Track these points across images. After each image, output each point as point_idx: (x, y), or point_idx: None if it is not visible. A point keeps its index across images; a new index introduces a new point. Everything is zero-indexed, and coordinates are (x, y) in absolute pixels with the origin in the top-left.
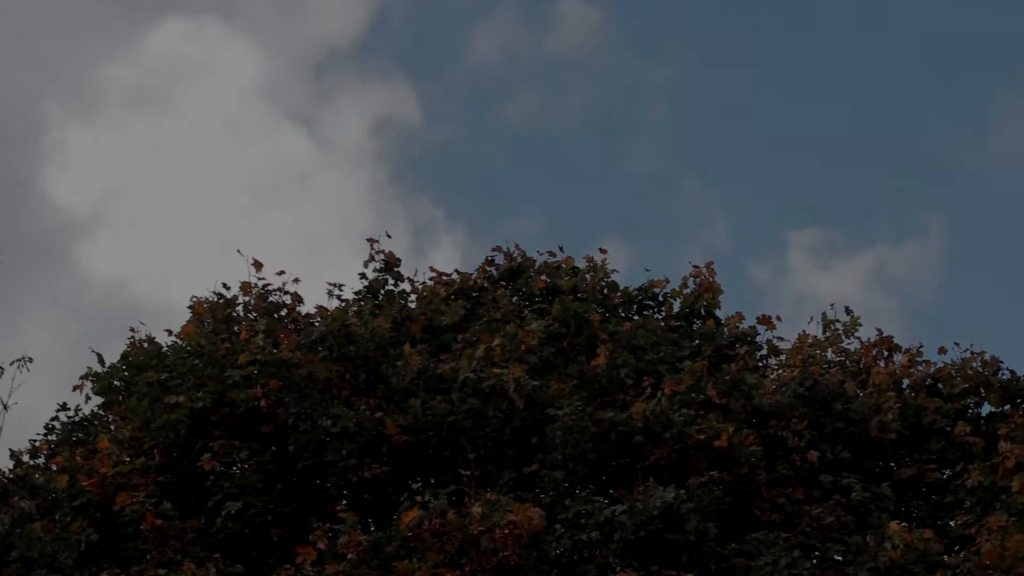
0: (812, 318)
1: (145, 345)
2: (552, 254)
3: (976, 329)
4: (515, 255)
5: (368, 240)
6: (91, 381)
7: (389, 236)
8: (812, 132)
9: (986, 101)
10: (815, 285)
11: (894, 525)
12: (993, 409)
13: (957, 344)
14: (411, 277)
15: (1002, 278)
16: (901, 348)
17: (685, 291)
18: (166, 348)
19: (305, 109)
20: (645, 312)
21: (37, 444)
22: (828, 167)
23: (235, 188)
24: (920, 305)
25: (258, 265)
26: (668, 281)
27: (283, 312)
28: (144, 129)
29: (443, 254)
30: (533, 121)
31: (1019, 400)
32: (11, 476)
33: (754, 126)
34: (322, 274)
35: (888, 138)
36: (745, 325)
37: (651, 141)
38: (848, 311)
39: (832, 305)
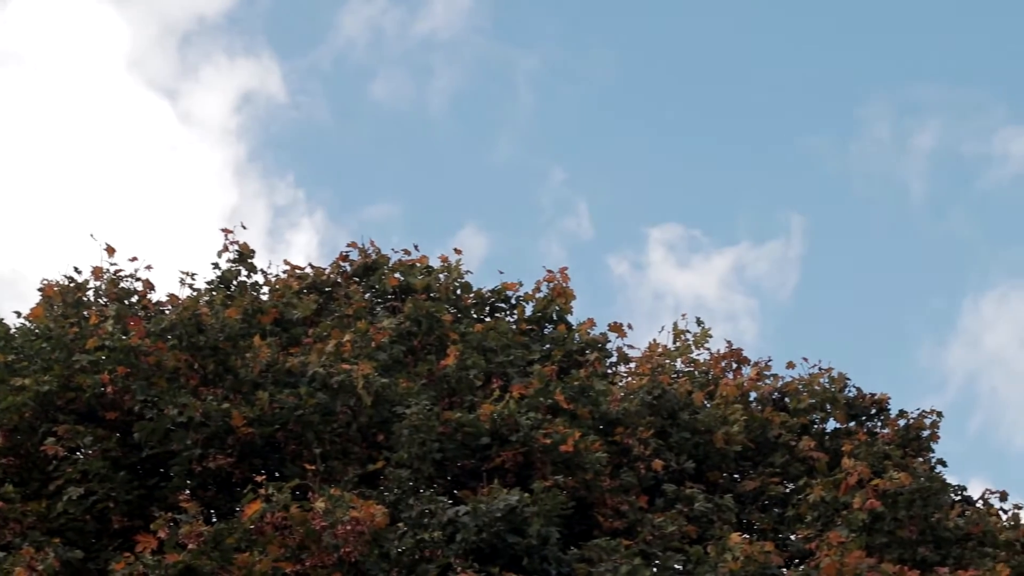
0: (663, 327)
1: None
2: (407, 252)
3: (828, 331)
4: (370, 251)
5: (223, 230)
6: None
7: (244, 227)
8: (678, 125)
9: (855, 104)
10: (673, 281)
11: (735, 537)
12: (838, 425)
13: (805, 359)
14: (264, 269)
15: (857, 281)
16: (750, 361)
17: (538, 295)
18: (14, 330)
19: (169, 81)
20: (497, 314)
21: None
22: (692, 162)
23: (95, 159)
24: (777, 305)
25: (111, 250)
26: (521, 284)
27: (134, 299)
28: (3, 93)
29: (302, 236)
30: (399, 103)
31: (864, 417)
32: None
33: (621, 116)
34: (179, 248)
35: (755, 136)
36: (596, 331)
37: (517, 128)
38: (699, 322)
39: (684, 315)
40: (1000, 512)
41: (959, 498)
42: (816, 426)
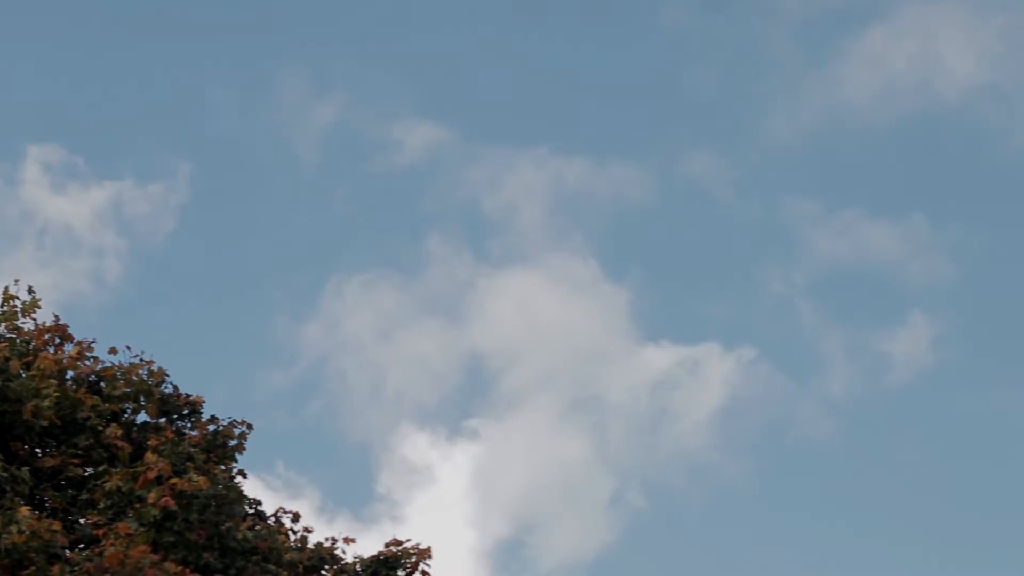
0: None
1: None
2: None
3: (193, 285)
4: None
5: None
6: None
7: None
8: (80, 40)
9: (272, 63)
10: (46, 205)
11: (24, 510)
12: (148, 419)
13: (128, 347)
14: None
15: (233, 240)
16: (74, 339)
17: None
18: None
19: None
20: None
21: None
22: (89, 84)
23: None
24: (150, 249)
25: None
26: None
27: None
28: None
29: None
30: None
31: (176, 416)
32: None
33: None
34: None
35: (158, 75)
36: None
37: None
38: (31, 290)
39: (17, 281)
40: (290, 532)
41: (253, 511)
42: (127, 416)
